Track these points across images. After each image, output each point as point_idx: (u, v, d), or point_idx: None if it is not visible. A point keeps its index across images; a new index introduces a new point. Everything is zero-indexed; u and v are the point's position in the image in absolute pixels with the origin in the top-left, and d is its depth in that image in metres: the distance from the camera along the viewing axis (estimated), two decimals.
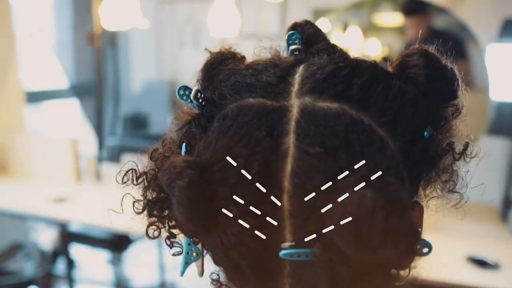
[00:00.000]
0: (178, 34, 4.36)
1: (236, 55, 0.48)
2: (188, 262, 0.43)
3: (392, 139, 0.37)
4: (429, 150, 0.41)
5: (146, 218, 0.45)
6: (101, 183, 2.39)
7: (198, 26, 4.27)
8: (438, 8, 2.67)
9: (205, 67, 0.47)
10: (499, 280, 1.45)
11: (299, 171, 0.34)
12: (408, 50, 0.42)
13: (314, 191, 0.34)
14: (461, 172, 0.46)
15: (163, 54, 4.46)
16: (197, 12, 4.24)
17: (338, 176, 0.34)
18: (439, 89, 0.40)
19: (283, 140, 0.35)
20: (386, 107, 0.38)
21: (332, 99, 0.37)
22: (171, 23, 4.35)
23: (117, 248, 2.42)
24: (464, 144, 0.46)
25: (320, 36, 0.49)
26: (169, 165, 0.36)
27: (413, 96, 0.39)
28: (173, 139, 0.48)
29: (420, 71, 0.40)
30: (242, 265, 0.38)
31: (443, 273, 1.44)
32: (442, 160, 0.43)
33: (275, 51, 0.54)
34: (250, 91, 0.40)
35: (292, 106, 0.37)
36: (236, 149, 0.36)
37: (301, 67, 0.40)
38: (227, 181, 0.36)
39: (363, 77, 0.38)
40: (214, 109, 0.42)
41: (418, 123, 0.39)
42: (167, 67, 4.46)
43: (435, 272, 1.42)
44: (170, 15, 4.33)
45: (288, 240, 0.35)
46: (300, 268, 0.37)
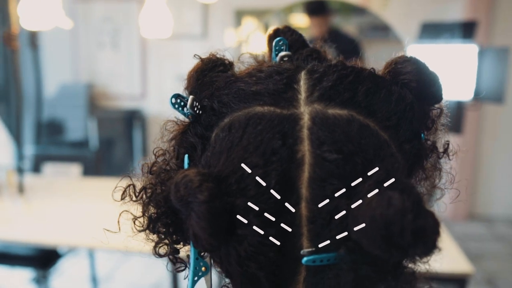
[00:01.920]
0: (95, 34, 4.15)
1: (226, 62, 0.47)
2: (198, 278, 0.41)
3: (393, 142, 0.39)
4: (422, 150, 0.44)
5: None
6: (23, 196, 2.21)
7: (116, 26, 4.10)
8: (359, 9, 2.83)
9: (195, 74, 0.46)
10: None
11: (317, 177, 0.35)
12: (399, 57, 0.44)
13: (333, 196, 0.35)
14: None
15: (79, 55, 4.22)
16: (115, 12, 4.07)
17: (356, 180, 0.35)
18: (430, 93, 0.43)
19: (298, 148, 0.36)
20: (390, 112, 0.39)
21: (340, 106, 0.38)
22: (86, 23, 4.13)
23: (43, 265, 2.25)
24: (445, 143, 0.49)
25: (303, 42, 0.51)
26: (183, 178, 0.35)
27: (411, 100, 0.41)
28: (165, 150, 0.46)
29: (413, 77, 0.42)
30: (259, 275, 0.38)
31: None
32: (429, 159, 0.47)
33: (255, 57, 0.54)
34: (257, 99, 0.40)
35: (303, 114, 0.37)
36: (252, 159, 0.36)
37: (302, 74, 0.41)
38: (245, 192, 0.36)
39: (367, 84, 0.40)
40: (214, 118, 0.42)
41: (416, 126, 0.42)
42: (83, 69, 4.23)
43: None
44: (85, 15, 4.11)
45: (305, 247, 0.36)
46: (320, 272, 0.37)
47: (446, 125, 0.49)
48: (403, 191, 0.32)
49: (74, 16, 4.00)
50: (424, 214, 0.32)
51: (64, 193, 2.33)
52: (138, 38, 4.06)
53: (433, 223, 0.32)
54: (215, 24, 3.96)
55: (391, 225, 0.31)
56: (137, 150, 4.03)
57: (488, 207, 3.79)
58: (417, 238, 0.31)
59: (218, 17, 3.94)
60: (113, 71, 4.18)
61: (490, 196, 3.82)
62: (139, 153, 4.05)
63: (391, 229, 0.31)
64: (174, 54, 4.03)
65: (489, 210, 3.81)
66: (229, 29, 3.91)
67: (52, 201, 2.17)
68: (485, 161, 3.79)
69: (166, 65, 4.08)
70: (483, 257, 3.12)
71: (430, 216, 0.32)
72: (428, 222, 0.31)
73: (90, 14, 4.11)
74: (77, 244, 1.89)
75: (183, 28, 3.86)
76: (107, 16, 4.10)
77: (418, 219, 0.31)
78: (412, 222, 0.31)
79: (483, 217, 3.83)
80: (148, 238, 0.43)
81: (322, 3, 3.19)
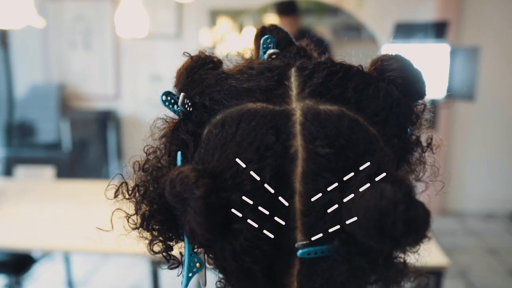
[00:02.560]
0: (66, 33, 4.06)
1: (215, 60, 0.47)
2: (192, 274, 0.41)
3: (382, 136, 0.40)
4: (408, 144, 0.45)
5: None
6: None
7: (89, 25, 4.03)
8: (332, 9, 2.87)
9: (185, 71, 0.46)
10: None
11: (310, 172, 0.36)
12: (384, 55, 0.45)
13: (326, 190, 0.36)
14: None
15: (49, 55, 4.13)
16: (87, 10, 4.00)
17: (348, 174, 0.36)
18: (415, 89, 0.45)
19: (291, 143, 0.36)
20: (378, 107, 0.41)
21: (331, 102, 0.39)
22: (57, 22, 4.04)
23: (16, 271, 2.19)
24: (429, 138, 0.51)
25: (289, 40, 0.52)
26: (179, 175, 0.36)
27: (398, 96, 0.42)
28: (155, 148, 0.45)
29: (399, 74, 0.43)
30: (254, 269, 0.38)
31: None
32: (414, 153, 0.48)
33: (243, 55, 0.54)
34: (249, 96, 0.40)
35: (295, 110, 0.38)
36: (247, 154, 0.36)
37: (293, 71, 0.42)
38: (241, 187, 0.36)
39: (355, 80, 0.41)
40: (205, 115, 0.42)
41: (402, 121, 0.43)
42: (55, 69, 4.13)
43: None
44: (56, 13, 4.02)
45: (299, 240, 0.37)
46: (314, 264, 0.38)
47: (429, 120, 0.51)
48: (394, 183, 0.33)
49: (45, 15, 3.91)
50: (415, 205, 0.33)
51: (37, 196, 2.28)
52: (112, 37, 4.00)
53: (424, 213, 0.33)
54: (189, 24, 3.93)
55: (384, 215, 0.32)
56: (111, 152, 3.97)
57: (460, 203, 3.89)
58: (409, 227, 0.32)
59: (193, 17, 3.92)
60: (85, 71, 4.11)
61: (462, 192, 3.92)
62: (114, 155, 3.99)
63: (384, 219, 0.32)
64: (148, 54, 3.99)
65: (461, 206, 3.91)
66: (204, 29, 3.90)
67: (25, 205, 2.12)
68: (457, 158, 3.90)
69: (140, 65, 4.03)
70: (456, 251, 3.20)
71: (420, 206, 0.33)
72: (419, 212, 0.33)
73: (61, 13, 4.02)
74: (52, 248, 1.85)
75: (157, 28, 3.82)
76: (79, 15, 4.02)
77: (409, 210, 0.32)
78: (404, 212, 0.32)
79: (455, 212, 3.94)
80: (141, 236, 0.43)
81: (292, 3, 3.23)
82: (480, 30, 3.67)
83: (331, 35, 3.68)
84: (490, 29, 3.66)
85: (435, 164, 0.51)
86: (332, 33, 3.73)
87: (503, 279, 2.87)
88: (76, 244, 1.74)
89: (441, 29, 2.09)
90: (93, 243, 1.70)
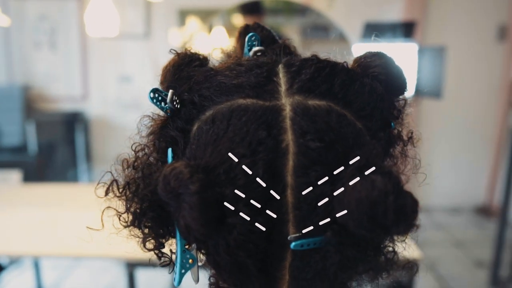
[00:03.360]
0: (30, 33, 3.94)
1: (201, 57, 0.48)
2: (185, 270, 0.41)
3: (367, 131, 0.41)
4: (391, 138, 0.47)
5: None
6: None
7: (54, 25, 3.92)
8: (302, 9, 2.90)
9: (172, 68, 0.46)
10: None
11: (301, 165, 0.37)
12: (368, 52, 0.47)
13: (317, 183, 0.37)
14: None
15: (12, 55, 4.00)
16: (51, 10, 3.89)
17: (338, 167, 0.37)
18: (397, 85, 0.46)
19: (282, 138, 0.37)
20: (364, 102, 0.42)
21: (319, 97, 0.40)
22: (20, 21, 3.91)
23: None
24: (409, 132, 0.53)
25: (272, 38, 0.53)
26: (172, 171, 0.36)
27: (381, 92, 0.44)
28: (144, 145, 0.45)
29: (382, 70, 0.45)
30: (247, 263, 0.39)
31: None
32: (397, 147, 0.50)
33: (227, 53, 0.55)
34: (238, 92, 0.41)
35: (284, 105, 0.39)
36: (239, 149, 0.37)
37: (280, 67, 0.42)
38: (235, 182, 0.37)
39: (342, 76, 0.42)
40: (194, 111, 0.42)
41: (386, 115, 0.45)
42: (18, 70, 4.00)
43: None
44: (19, 12, 3.89)
45: (291, 232, 0.37)
46: (307, 256, 0.39)
47: (410, 115, 0.53)
48: (384, 174, 0.34)
49: (7, 14, 3.78)
50: (404, 195, 0.34)
51: (4, 201, 2.20)
52: (78, 37, 3.91)
53: (412, 202, 0.35)
54: (158, 24, 3.88)
55: (376, 205, 0.33)
56: (80, 154, 3.88)
57: (427, 198, 4.00)
58: (399, 216, 0.33)
59: (162, 16, 3.87)
60: (51, 71, 3.99)
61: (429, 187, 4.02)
62: (83, 157, 3.90)
63: (376, 209, 0.33)
64: (116, 54, 3.91)
65: (428, 201, 4.02)
66: (173, 29, 3.86)
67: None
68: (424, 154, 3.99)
69: (108, 65, 3.95)
70: (424, 244, 3.29)
71: (409, 196, 0.35)
72: (408, 202, 0.34)
73: (24, 12, 3.90)
74: (20, 253, 1.79)
75: (125, 27, 3.75)
76: (43, 14, 3.90)
77: (399, 199, 0.33)
78: (394, 202, 0.33)
79: (423, 207, 4.03)
80: (131, 234, 0.42)
81: (257, 3, 3.28)
82: (445, 29, 3.79)
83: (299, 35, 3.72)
84: (455, 29, 3.78)
85: (417, 157, 0.53)
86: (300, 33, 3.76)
87: (470, 271, 2.97)
88: (46, 249, 1.69)
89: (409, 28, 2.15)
90: (63, 247, 1.66)
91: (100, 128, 4.02)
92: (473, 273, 2.93)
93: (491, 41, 3.83)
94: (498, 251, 2.67)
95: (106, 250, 1.50)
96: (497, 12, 3.80)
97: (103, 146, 4.02)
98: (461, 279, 2.85)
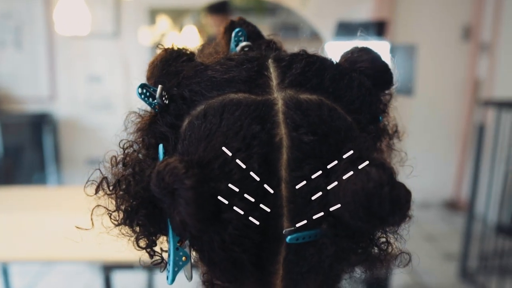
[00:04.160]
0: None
1: (188, 52, 0.47)
2: (178, 268, 0.41)
3: (357, 124, 0.42)
4: (379, 132, 0.48)
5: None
6: None
7: (19, 24, 3.80)
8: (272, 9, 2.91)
9: (160, 63, 0.45)
10: None
11: (295, 159, 0.37)
12: (355, 47, 0.47)
13: (310, 176, 0.37)
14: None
15: None
16: (16, 8, 3.76)
17: (331, 160, 0.37)
18: (384, 79, 0.47)
19: (276, 132, 0.37)
20: (353, 96, 0.42)
21: (310, 91, 0.40)
22: None
23: None
24: (393, 126, 0.54)
25: (258, 33, 0.53)
26: (166, 167, 0.35)
27: (369, 86, 0.44)
28: (132, 142, 0.44)
29: (369, 64, 0.46)
30: (242, 258, 0.38)
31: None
32: (384, 140, 0.51)
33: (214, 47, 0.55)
34: (230, 86, 0.40)
35: (277, 99, 0.39)
36: (234, 144, 0.37)
37: (270, 62, 0.42)
38: (230, 176, 0.36)
39: (331, 71, 0.43)
40: (185, 107, 0.42)
41: (374, 109, 0.45)
42: None
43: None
44: None
45: (285, 226, 0.37)
46: (302, 250, 0.39)
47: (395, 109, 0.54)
48: (378, 166, 0.35)
49: None
50: (398, 186, 0.35)
51: None
52: (45, 36, 3.80)
53: (406, 193, 0.35)
54: (128, 23, 3.82)
55: (372, 197, 0.33)
56: (48, 156, 3.78)
57: None
58: (394, 207, 0.34)
59: (132, 15, 3.81)
60: (16, 71, 3.87)
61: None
62: (52, 159, 3.80)
63: (371, 200, 0.33)
64: (85, 53, 3.83)
65: None
66: (143, 28, 3.80)
67: None
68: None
69: (77, 65, 3.86)
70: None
71: (402, 187, 0.35)
72: (401, 192, 0.35)
73: None
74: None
75: (94, 26, 3.66)
76: (8, 13, 3.78)
77: (393, 190, 0.34)
78: (389, 193, 0.33)
79: None
80: (122, 233, 0.41)
81: (223, 3, 3.29)
82: (413, 29, 3.87)
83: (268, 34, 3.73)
84: (423, 28, 3.87)
85: (402, 150, 0.54)
86: (271, 32, 3.78)
87: (440, 263, 3.05)
88: (14, 254, 1.63)
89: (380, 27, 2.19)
90: (33, 252, 1.61)
91: (69, 129, 3.92)
92: (443, 266, 3.02)
93: (456, 40, 3.94)
94: (466, 244, 2.75)
95: (79, 253, 1.46)
96: (462, 13, 3.91)
97: (72, 147, 3.92)
98: (431, 272, 2.92)
